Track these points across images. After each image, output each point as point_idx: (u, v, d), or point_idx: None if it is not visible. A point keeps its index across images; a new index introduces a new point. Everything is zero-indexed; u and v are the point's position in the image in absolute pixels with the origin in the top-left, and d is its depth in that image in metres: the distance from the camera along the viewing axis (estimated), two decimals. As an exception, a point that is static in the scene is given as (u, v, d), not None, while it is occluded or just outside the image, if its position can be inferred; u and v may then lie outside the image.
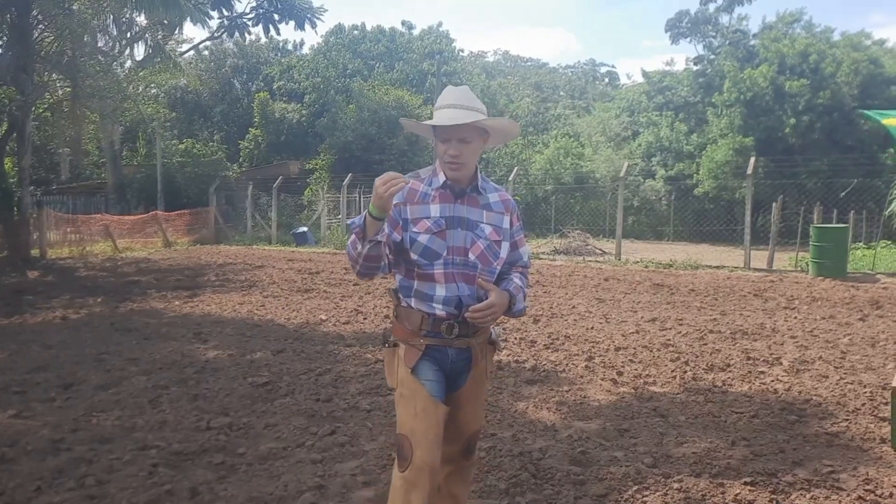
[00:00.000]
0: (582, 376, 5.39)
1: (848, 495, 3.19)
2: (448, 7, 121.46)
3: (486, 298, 2.26)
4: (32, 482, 3.38)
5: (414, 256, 2.29)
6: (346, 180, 20.82)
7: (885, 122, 8.89)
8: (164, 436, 4.02)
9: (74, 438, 3.98)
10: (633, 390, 5.00)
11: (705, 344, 6.50)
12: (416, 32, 38.33)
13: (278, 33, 25.98)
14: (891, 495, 3.19)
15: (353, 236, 2.22)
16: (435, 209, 2.31)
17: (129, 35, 18.46)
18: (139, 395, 4.85)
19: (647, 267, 13.64)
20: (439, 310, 2.28)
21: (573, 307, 8.73)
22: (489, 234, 2.35)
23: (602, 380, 5.27)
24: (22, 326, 7.79)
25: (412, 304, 2.32)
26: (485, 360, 2.41)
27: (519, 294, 2.37)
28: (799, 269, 12.79)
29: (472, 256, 2.31)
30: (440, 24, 39.89)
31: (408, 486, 2.19)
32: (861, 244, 16.21)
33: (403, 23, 39.44)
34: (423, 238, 2.29)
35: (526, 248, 2.53)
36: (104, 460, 3.65)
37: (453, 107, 2.27)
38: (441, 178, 2.35)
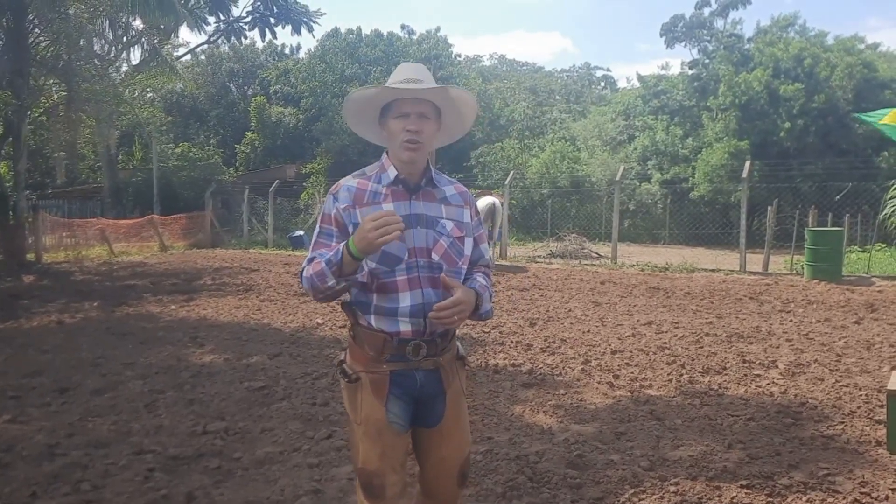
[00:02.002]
0: (578, 380, 5.39)
1: (844, 498, 3.20)
2: (444, 11, 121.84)
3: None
4: (28, 487, 3.37)
5: (371, 264, 2.04)
6: None
7: (881, 122, 8.88)
8: (160, 440, 4.01)
9: (70, 443, 3.97)
10: (629, 393, 5.01)
11: (701, 347, 6.51)
12: (414, 37, 38.40)
13: (275, 37, 26.00)
14: (886, 498, 3.20)
15: (321, 267, 2.02)
16: (389, 208, 2.07)
17: (125, 39, 18.42)
18: (135, 399, 4.84)
19: (643, 270, 13.67)
20: (405, 324, 2.06)
21: (569, 310, 8.74)
22: (451, 230, 2.14)
23: (598, 383, 5.28)
24: (17, 331, 7.76)
25: (372, 324, 2.09)
26: (457, 379, 2.22)
27: (485, 294, 2.16)
28: (794, 272, 12.82)
29: (435, 257, 2.09)
30: (438, 30, 39.95)
31: None
32: (856, 247, 16.25)
33: (403, 27, 39.54)
34: None
35: (486, 246, 2.34)
36: (100, 465, 3.64)
37: (410, 81, 2.10)
38: (391, 172, 2.12)
